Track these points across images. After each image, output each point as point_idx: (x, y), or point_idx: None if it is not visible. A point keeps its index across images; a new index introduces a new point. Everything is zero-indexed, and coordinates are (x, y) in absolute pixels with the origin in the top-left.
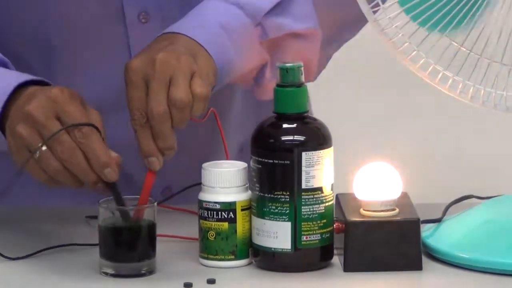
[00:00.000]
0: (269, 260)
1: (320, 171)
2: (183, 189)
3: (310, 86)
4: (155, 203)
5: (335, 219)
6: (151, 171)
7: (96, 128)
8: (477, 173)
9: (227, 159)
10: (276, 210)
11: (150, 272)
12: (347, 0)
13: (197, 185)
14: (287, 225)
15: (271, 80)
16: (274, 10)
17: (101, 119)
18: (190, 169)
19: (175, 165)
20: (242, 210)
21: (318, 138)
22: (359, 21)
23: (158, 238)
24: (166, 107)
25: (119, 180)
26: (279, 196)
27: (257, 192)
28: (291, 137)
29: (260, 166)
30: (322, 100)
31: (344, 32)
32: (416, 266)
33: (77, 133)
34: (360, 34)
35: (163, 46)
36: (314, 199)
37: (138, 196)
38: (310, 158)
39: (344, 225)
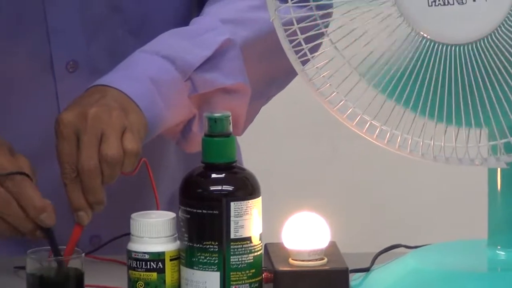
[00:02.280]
0: None
1: (249, 220)
2: (112, 239)
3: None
4: (83, 254)
5: (263, 268)
6: (79, 224)
7: (27, 175)
8: (405, 222)
9: (158, 209)
10: (205, 260)
11: None
12: (276, 56)
13: (126, 235)
14: (216, 275)
15: (197, 134)
16: (204, 65)
17: (30, 164)
18: (119, 218)
19: (104, 214)
20: (171, 260)
21: (247, 188)
22: (287, 76)
23: None
24: (96, 162)
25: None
26: (208, 246)
27: (186, 242)
28: (219, 187)
29: (188, 216)
30: (251, 150)
31: (272, 87)
32: None
33: (9, 183)
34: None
35: (95, 100)
36: (243, 249)
37: (64, 247)
38: (238, 208)
39: (272, 275)
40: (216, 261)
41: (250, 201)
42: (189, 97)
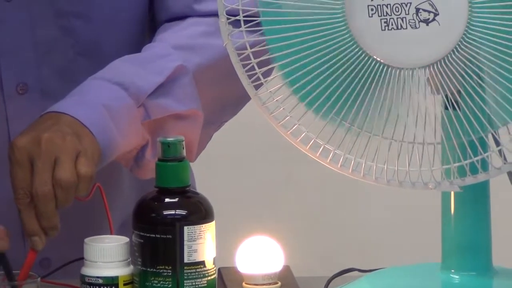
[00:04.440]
0: None
1: (203, 245)
2: (66, 264)
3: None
4: (39, 278)
5: None
6: (34, 249)
7: None
8: (359, 247)
9: (111, 233)
10: (159, 285)
11: None
12: (228, 82)
13: (79, 260)
14: None
15: (151, 161)
16: (156, 92)
17: None
18: (70, 241)
19: (55, 237)
20: (124, 284)
21: (200, 212)
22: (240, 101)
23: None
24: (50, 187)
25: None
26: (161, 270)
27: (140, 267)
28: (172, 211)
29: (142, 241)
30: (204, 173)
31: (225, 113)
32: None
33: None
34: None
35: (48, 126)
36: (197, 273)
37: (18, 271)
38: (192, 232)
39: None
40: (170, 285)
41: (203, 225)
42: (142, 123)
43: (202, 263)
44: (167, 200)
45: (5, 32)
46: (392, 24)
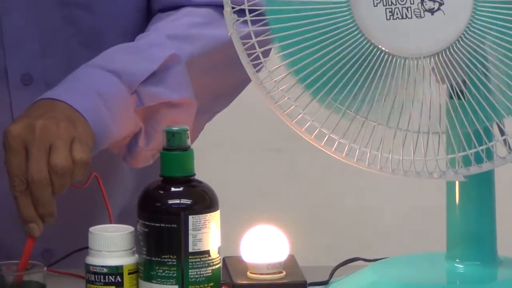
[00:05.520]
0: None
1: (207, 234)
2: (70, 253)
3: (196, 148)
4: (45, 268)
5: (222, 282)
6: (31, 236)
7: None
8: (364, 236)
9: (111, 223)
10: (163, 274)
11: None
12: (221, 72)
13: (83, 249)
14: None
15: (143, 149)
16: (149, 79)
17: None
18: (71, 232)
19: (55, 228)
20: (129, 273)
21: (205, 202)
22: (232, 92)
23: None
24: (46, 173)
25: None
26: (166, 260)
27: (144, 256)
28: (177, 201)
29: (146, 230)
30: (209, 162)
31: (218, 103)
32: None
33: None
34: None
35: (42, 113)
36: (201, 262)
37: (17, 261)
38: (196, 222)
39: None
40: (175, 274)
41: (208, 214)
42: (135, 111)
43: (207, 252)
44: (172, 189)
45: (10, 23)
46: (397, 14)
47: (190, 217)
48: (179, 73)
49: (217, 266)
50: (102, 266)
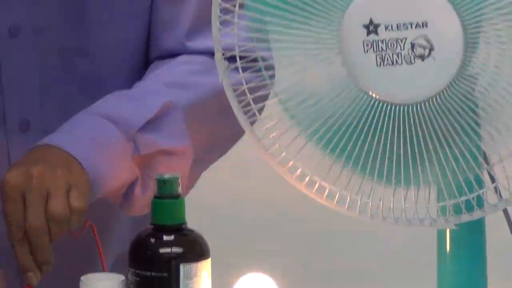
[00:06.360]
0: None
1: (199, 282)
2: None
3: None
4: None
5: None
6: (29, 285)
7: None
8: (356, 283)
9: (104, 270)
10: None
11: None
12: (218, 121)
13: None
14: None
15: (140, 197)
16: (146, 127)
17: None
18: (67, 280)
19: (52, 275)
20: None
21: (196, 250)
22: (229, 141)
23: None
24: (44, 221)
25: None
26: None
27: None
28: (168, 249)
29: (138, 279)
30: (199, 210)
31: (214, 152)
32: None
33: None
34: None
35: (39, 159)
36: None
37: None
38: (188, 270)
39: None
40: None
41: (199, 262)
42: (132, 158)
43: None
44: (163, 237)
45: (9, 68)
46: (387, 60)
47: (182, 265)
48: (176, 121)
49: None
50: None
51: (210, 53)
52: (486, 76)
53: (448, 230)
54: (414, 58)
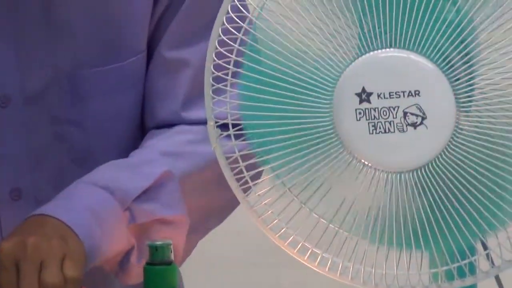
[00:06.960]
0: None
1: None
2: None
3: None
4: None
5: None
6: None
7: None
8: None
9: None
10: None
11: None
12: (214, 190)
13: None
14: None
15: (136, 266)
16: (142, 196)
17: None
18: None
19: None
20: None
21: None
22: (225, 209)
23: None
24: None
25: None
26: None
27: None
28: None
29: None
30: (194, 277)
31: (210, 219)
32: None
33: None
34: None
35: (34, 229)
36: None
37: None
38: None
39: None
40: None
41: None
42: (128, 227)
43: None
44: None
45: (1, 138)
46: (380, 128)
47: None
48: (172, 190)
49: None
50: None
51: (206, 123)
52: (478, 145)
53: None
54: (406, 126)
